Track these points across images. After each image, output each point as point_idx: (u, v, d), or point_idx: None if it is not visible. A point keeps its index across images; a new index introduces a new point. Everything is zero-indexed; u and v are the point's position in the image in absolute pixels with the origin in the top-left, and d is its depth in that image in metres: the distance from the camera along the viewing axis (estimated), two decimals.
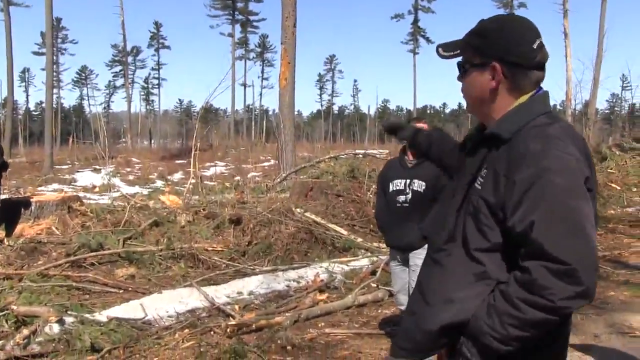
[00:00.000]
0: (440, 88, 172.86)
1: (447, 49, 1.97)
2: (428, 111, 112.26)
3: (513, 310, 1.69)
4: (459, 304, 1.82)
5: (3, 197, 10.40)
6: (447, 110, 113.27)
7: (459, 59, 2.00)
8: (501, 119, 1.86)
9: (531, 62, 1.84)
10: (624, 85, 77.61)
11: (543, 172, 1.67)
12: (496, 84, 1.86)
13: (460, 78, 2.00)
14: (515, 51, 1.83)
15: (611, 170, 17.12)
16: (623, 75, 79.64)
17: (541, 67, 1.88)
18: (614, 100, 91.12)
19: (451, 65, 2.13)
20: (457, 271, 1.85)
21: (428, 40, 75.46)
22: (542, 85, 1.92)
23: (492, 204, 1.76)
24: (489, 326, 1.73)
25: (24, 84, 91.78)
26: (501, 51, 1.83)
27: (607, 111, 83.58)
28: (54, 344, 5.04)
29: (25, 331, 5.03)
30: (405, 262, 4.86)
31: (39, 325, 5.14)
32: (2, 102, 68.63)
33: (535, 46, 1.83)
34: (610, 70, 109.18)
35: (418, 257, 4.57)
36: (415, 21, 74.70)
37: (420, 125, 4.83)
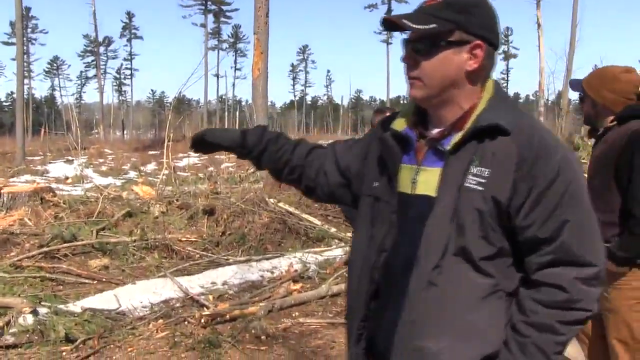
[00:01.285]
0: None
1: (417, 20, 1.62)
2: (401, 101, 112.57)
3: (557, 336, 1.55)
4: (477, 330, 1.59)
5: None
6: None
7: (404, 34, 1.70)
8: (489, 109, 1.62)
9: (499, 45, 1.69)
10: None
11: (566, 168, 1.53)
12: (478, 66, 1.62)
13: (415, 56, 1.67)
14: (496, 32, 1.66)
15: (584, 161, 17.34)
16: (595, 65, 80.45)
17: None
18: None
19: None
20: (460, 289, 1.59)
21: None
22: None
23: (502, 203, 1.53)
24: None
25: None
26: (486, 30, 1.63)
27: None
28: (27, 335, 5.05)
29: None
30: None
31: (12, 316, 5.14)
32: None
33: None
34: (583, 61, 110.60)
35: None
36: (389, 11, 74.75)
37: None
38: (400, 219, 1.70)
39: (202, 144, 2.07)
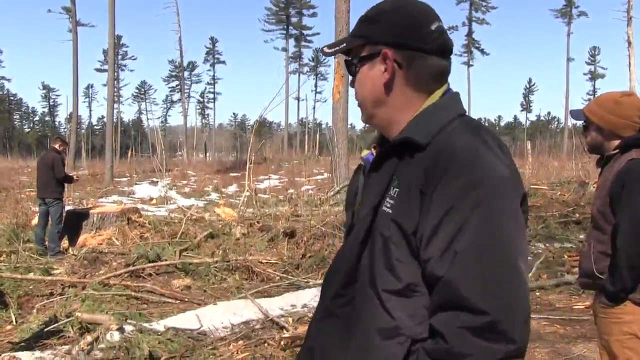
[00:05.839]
0: (494, 100, 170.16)
1: (331, 45, 1.54)
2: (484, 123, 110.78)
3: None
4: None
5: (67, 208, 10.79)
6: (502, 123, 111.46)
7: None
8: (414, 120, 1.43)
9: (430, 44, 1.44)
10: None
11: (473, 187, 1.25)
12: (390, 75, 1.44)
13: (352, 82, 1.57)
14: (410, 33, 1.43)
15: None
16: None
17: (445, 54, 1.48)
18: None
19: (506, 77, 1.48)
20: (358, 325, 1.39)
21: (483, 52, 74.68)
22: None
23: (405, 229, 1.32)
24: None
25: (87, 99, 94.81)
26: (393, 34, 1.44)
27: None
28: (114, 351, 5.20)
29: (89, 338, 5.22)
30: None
31: (101, 333, 5.32)
32: (68, 117, 71.34)
33: (433, 28, 1.45)
34: None
35: None
36: (470, 33, 74.01)
37: None
38: None
39: None
